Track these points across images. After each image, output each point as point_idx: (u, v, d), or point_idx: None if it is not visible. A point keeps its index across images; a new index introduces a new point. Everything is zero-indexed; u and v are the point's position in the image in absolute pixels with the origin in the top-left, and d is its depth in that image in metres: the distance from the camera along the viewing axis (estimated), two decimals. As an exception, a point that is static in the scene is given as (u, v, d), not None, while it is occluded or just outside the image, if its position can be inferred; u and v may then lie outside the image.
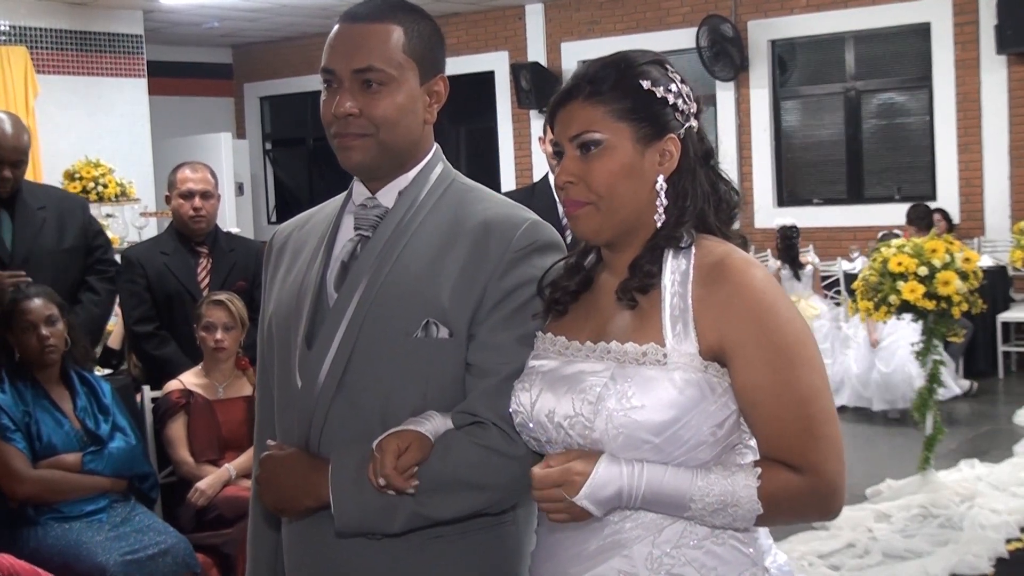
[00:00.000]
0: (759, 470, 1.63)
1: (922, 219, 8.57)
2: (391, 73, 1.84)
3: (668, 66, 1.77)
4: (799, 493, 1.63)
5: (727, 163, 1.82)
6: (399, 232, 1.89)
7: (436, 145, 1.98)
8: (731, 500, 1.62)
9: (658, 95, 1.72)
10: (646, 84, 1.72)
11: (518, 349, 1.82)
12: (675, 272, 1.70)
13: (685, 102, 1.75)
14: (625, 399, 1.63)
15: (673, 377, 1.63)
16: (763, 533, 1.75)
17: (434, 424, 1.79)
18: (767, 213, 10.35)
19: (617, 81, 1.72)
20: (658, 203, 1.73)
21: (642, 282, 1.71)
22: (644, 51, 1.80)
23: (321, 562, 1.89)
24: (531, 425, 1.73)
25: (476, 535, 1.85)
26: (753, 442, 1.70)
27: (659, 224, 1.73)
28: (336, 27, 1.90)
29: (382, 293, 1.85)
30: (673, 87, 1.74)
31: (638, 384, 1.63)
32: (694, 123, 1.76)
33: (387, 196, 1.93)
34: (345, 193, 2.01)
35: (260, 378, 2.09)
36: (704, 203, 1.75)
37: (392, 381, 1.83)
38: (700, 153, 1.77)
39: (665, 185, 1.73)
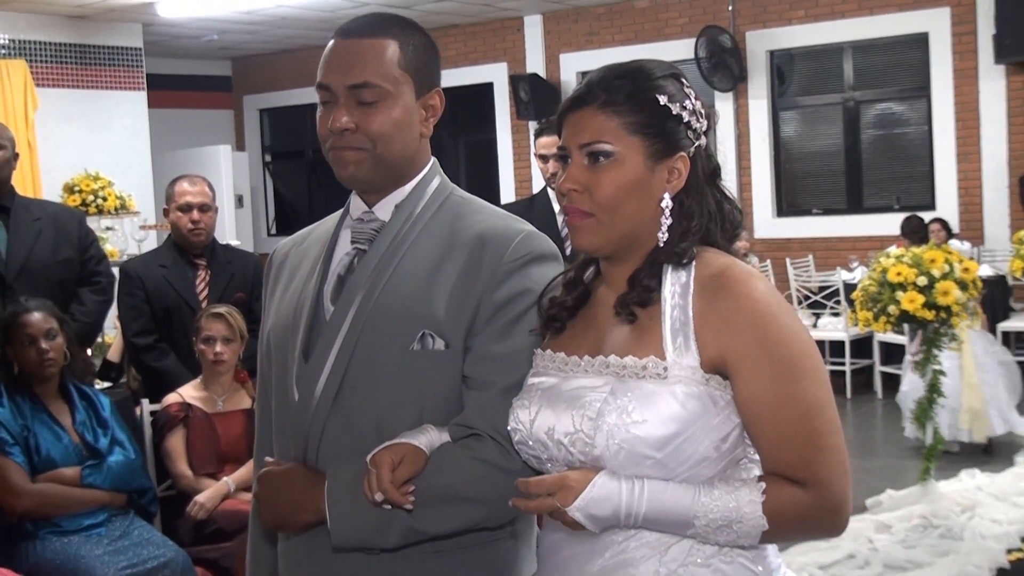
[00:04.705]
0: (763, 485, 1.60)
1: (916, 232, 8.54)
2: (387, 88, 1.85)
3: (684, 80, 1.75)
4: (805, 508, 1.60)
5: (726, 173, 1.80)
6: (395, 245, 1.89)
7: (433, 159, 1.98)
8: (735, 516, 1.58)
9: (673, 112, 1.70)
10: (663, 99, 1.69)
11: (514, 361, 1.81)
12: (675, 284, 1.68)
13: (698, 120, 1.73)
14: (625, 414, 1.60)
15: (674, 391, 1.61)
16: (772, 551, 1.72)
17: (429, 437, 1.78)
18: (766, 223, 10.35)
19: (633, 92, 1.70)
20: (663, 220, 1.71)
21: (641, 296, 1.69)
22: (660, 62, 1.77)
23: None
24: (531, 443, 1.71)
25: (474, 550, 1.84)
26: (758, 456, 1.67)
27: (662, 242, 1.71)
28: (331, 42, 1.90)
29: (378, 306, 1.85)
30: (688, 104, 1.72)
31: (638, 398, 1.61)
32: (704, 140, 1.74)
33: (384, 210, 1.93)
34: (344, 207, 2.01)
35: (260, 394, 2.09)
36: (710, 222, 1.73)
37: (388, 394, 1.82)
38: (708, 172, 1.75)
39: (671, 203, 1.71)
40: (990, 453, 6.73)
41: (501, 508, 1.79)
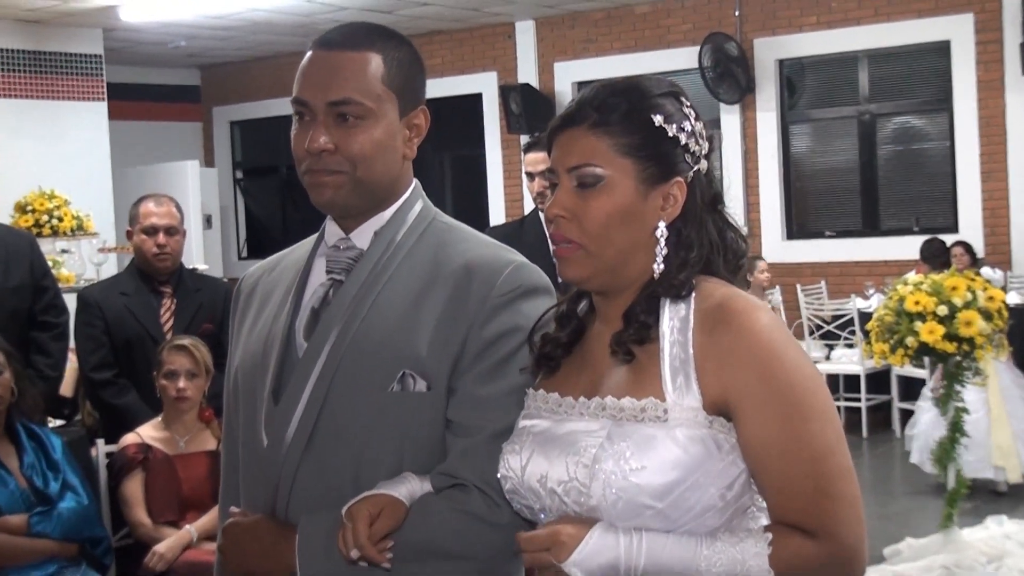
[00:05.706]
0: (770, 536, 1.59)
1: (937, 257, 8.54)
2: (369, 106, 1.84)
3: (684, 99, 1.75)
4: (815, 561, 1.59)
5: (732, 192, 1.80)
6: (374, 276, 1.88)
7: (415, 181, 1.98)
8: (740, 570, 1.58)
9: (669, 133, 1.70)
10: (658, 120, 1.70)
11: (503, 405, 1.80)
12: (674, 319, 1.68)
13: (697, 142, 1.73)
14: (623, 460, 1.60)
15: (675, 434, 1.60)
16: None
17: (409, 487, 1.77)
18: (776, 247, 10.35)
19: (627, 112, 1.70)
20: (658, 250, 1.71)
21: (638, 333, 1.68)
22: (659, 79, 1.78)
23: None
24: (522, 491, 1.70)
25: None
26: (766, 504, 1.67)
27: (657, 273, 1.71)
28: (309, 54, 1.89)
29: (355, 343, 1.84)
30: (687, 125, 1.72)
31: (637, 443, 1.60)
32: (704, 165, 1.74)
33: (362, 237, 1.92)
34: (317, 233, 2.00)
35: (226, 436, 2.07)
36: (710, 252, 1.72)
37: (366, 439, 1.82)
38: (708, 199, 1.75)
39: (666, 232, 1.71)
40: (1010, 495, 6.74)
41: (486, 564, 1.80)
